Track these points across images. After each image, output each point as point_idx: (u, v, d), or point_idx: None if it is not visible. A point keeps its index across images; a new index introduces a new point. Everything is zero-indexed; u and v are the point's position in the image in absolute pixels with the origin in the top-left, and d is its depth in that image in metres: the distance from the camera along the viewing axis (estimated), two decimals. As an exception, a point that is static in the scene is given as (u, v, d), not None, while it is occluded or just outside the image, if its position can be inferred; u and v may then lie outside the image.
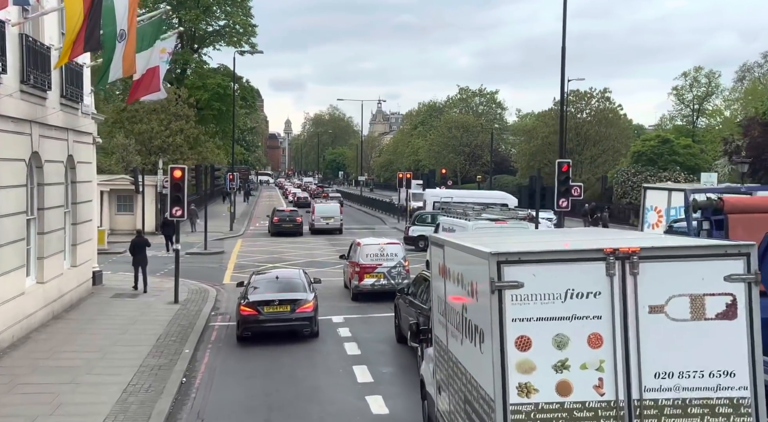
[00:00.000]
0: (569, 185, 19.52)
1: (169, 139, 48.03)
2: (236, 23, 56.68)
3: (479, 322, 5.79)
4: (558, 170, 19.29)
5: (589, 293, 5.31)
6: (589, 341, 5.30)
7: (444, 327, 7.44)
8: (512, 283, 5.33)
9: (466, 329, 6.29)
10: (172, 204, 17.91)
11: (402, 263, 18.99)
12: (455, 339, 6.88)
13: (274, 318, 14.27)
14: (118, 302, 17.90)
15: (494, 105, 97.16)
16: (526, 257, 5.37)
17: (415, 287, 13.94)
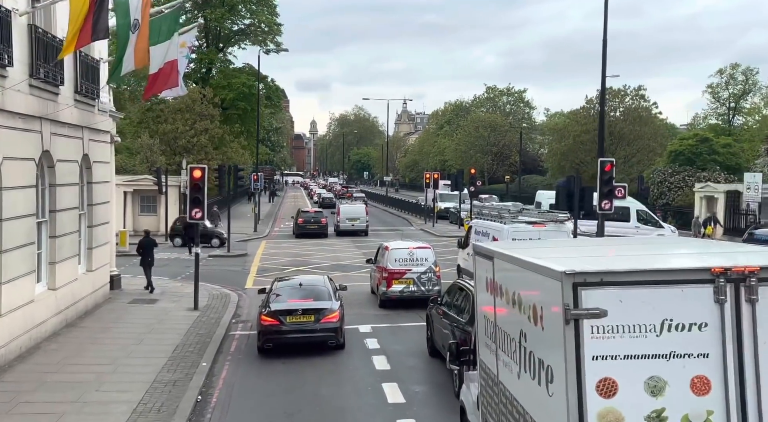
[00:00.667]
0: (613, 185, 18.21)
1: (193, 139, 47.59)
2: (261, 22, 56.08)
3: (546, 357, 4.70)
4: (600, 170, 18.02)
5: (692, 324, 4.19)
6: (693, 386, 4.18)
7: (493, 353, 6.35)
8: (593, 311, 4.22)
9: (526, 361, 5.19)
10: (192, 206, 17.06)
11: (433, 269, 17.97)
12: (508, 369, 5.78)
13: (297, 328, 13.35)
14: (136, 309, 17.11)
15: (522, 104, 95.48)
16: (611, 277, 4.26)
17: (449, 296, 12.85)
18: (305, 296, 13.96)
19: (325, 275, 16.03)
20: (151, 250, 19.48)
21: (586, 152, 54.87)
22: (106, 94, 17.45)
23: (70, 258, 14.78)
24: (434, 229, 42.32)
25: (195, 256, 17.85)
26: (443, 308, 12.75)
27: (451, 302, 12.55)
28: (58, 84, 13.61)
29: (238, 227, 40.65)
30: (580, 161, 55.27)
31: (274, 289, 14.57)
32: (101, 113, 17.00)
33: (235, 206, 61.64)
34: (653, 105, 55.66)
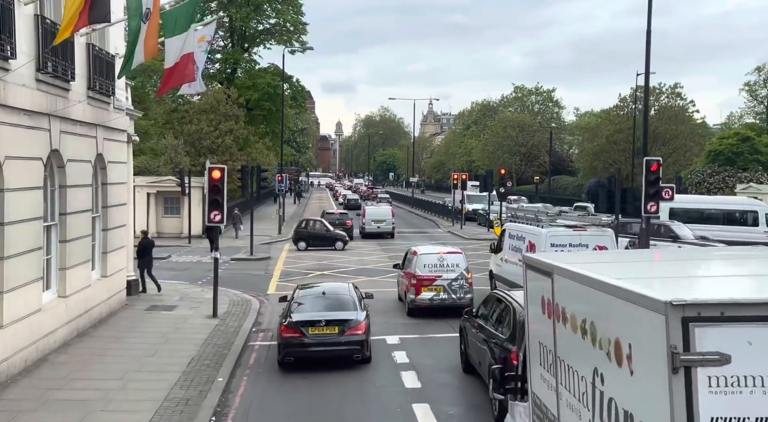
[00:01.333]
0: (660, 186, 16.92)
1: (218, 140, 47.10)
2: (287, 21, 55.46)
3: (636, 411, 3.62)
4: (646, 170, 16.75)
5: None
6: None
7: (552, 389, 5.27)
8: (711, 357, 3.14)
9: (603, 410, 4.10)
10: (211, 208, 16.23)
11: (464, 276, 16.90)
12: (575, 415, 4.70)
13: (319, 341, 12.44)
14: (152, 316, 16.31)
15: (551, 103, 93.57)
16: (736, 310, 3.17)
17: (486, 308, 11.74)
18: (328, 306, 13.06)
19: (350, 283, 14.97)
20: (151, 251, 19.23)
21: (619, 151, 53.15)
22: (122, 91, 16.70)
23: (82, 264, 14.01)
24: (462, 231, 41.12)
25: (214, 261, 17.00)
26: (479, 320, 11.65)
27: (487, 314, 11.45)
28: (68, 79, 12.84)
29: (262, 229, 39.95)
30: (613, 161, 53.54)
31: (296, 298, 13.62)
32: (117, 110, 16.24)
33: (260, 207, 61.14)
34: (690, 103, 53.64)
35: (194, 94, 18.56)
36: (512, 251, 18.11)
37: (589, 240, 16.07)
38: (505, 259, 18.81)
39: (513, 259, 17.90)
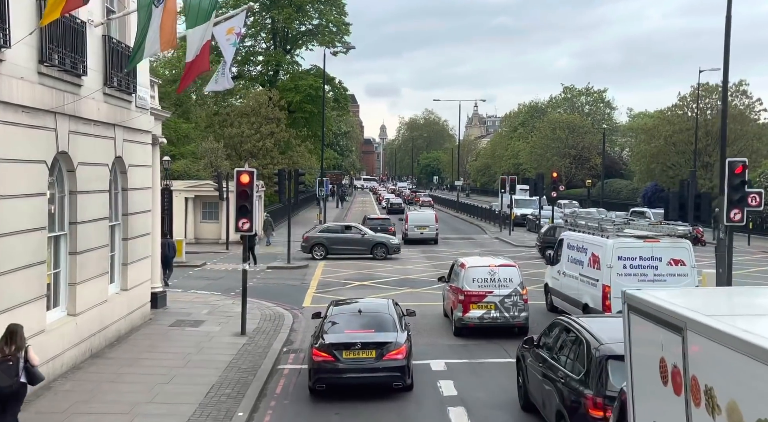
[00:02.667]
0: (745, 191, 14.73)
1: (259, 143, 46.22)
2: (329, 22, 54.33)
3: None
4: (729, 172, 14.58)
5: None
6: None
7: None
8: None
9: None
10: (239, 215, 14.83)
11: (519, 292, 15.16)
12: None
13: (355, 366, 11.05)
14: (176, 334, 14.99)
15: (602, 104, 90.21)
16: None
17: (550, 337, 9.92)
18: (365, 326, 11.65)
19: (389, 299, 13.31)
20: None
21: (678, 153, 50.14)
22: (146, 88, 15.48)
23: (97, 277, 12.76)
24: (511, 238, 39.02)
25: (243, 273, 15.60)
26: (541, 352, 9.84)
27: (552, 345, 9.63)
28: (79, 73, 11.60)
29: (301, 234, 38.68)
30: (672, 164, 50.54)
31: (330, 315, 12.13)
32: (140, 109, 15.02)
33: (301, 212, 60.11)
34: (757, 102, 50.15)
35: (222, 91, 17.20)
36: (571, 264, 16.60)
37: (662, 253, 14.38)
38: (562, 272, 17.21)
39: (572, 272, 16.46)
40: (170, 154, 41.91)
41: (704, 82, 48.20)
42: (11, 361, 7.82)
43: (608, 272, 14.18)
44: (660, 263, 14.28)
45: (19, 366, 7.88)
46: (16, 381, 7.79)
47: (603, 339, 8.29)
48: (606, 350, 8.02)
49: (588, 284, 15.29)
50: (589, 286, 15.24)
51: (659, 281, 14.14)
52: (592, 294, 14.97)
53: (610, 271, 14.17)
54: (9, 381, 7.72)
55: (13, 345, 7.91)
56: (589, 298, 15.11)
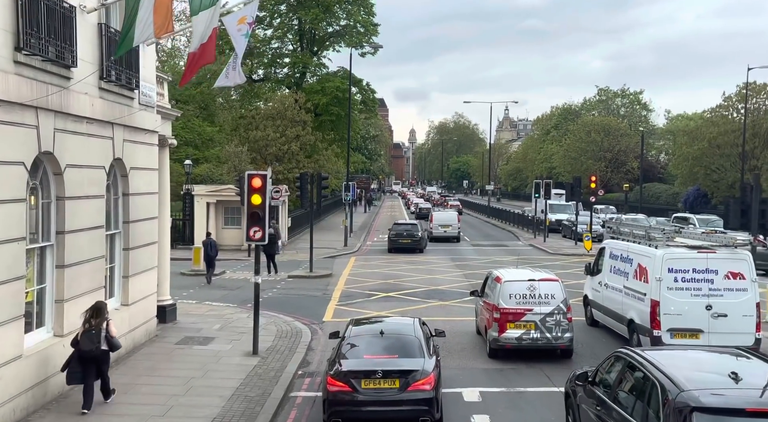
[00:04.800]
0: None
1: (284, 146, 45.08)
2: (357, 22, 53.01)
3: None
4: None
5: None
6: None
7: None
8: None
9: None
10: (250, 223, 13.46)
11: (562, 310, 13.54)
12: None
13: (375, 397, 9.61)
14: (181, 353, 13.64)
15: (638, 106, 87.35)
16: None
17: (609, 373, 8.25)
18: (388, 350, 10.24)
19: (416, 319, 11.71)
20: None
21: (723, 156, 47.53)
22: (152, 85, 14.21)
23: (91, 292, 11.47)
24: (546, 245, 37.08)
25: (255, 288, 14.18)
26: (598, 391, 8.18)
27: (612, 384, 7.95)
28: (67, 64, 10.33)
29: (327, 240, 37.39)
30: (716, 167, 47.94)
31: (348, 337, 10.72)
32: (144, 107, 13.75)
33: (328, 217, 58.88)
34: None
35: (232, 86, 15.94)
36: (614, 275, 15.41)
37: (719, 265, 12.99)
38: (605, 284, 15.93)
39: (615, 284, 15.28)
40: (193, 158, 41.04)
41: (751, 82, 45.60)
42: (95, 331, 9.99)
43: (657, 286, 12.98)
44: (716, 277, 12.95)
45: (101, 336, 10.01)
46: (97, 346, 9.94)
47: (682, 382, 6.64)
48: (689, 399, 6.39)
49: (634, 299, 14.07)
50: (635, 300, 13.99)
51: (715, 297, 12.89)
52: (638, 310, 13.74)
53: (659, 284, 12.97)
54: (91, 345, 9.90)
55: (98, 318, 10.06)
56: (635, 313, 13.88)
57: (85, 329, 9.94)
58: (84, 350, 9.83)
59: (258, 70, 54.46)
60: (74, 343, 9.97)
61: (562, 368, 12.97)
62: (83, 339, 9.87)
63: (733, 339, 12.16)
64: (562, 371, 12.58)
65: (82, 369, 9.86)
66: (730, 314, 12.76)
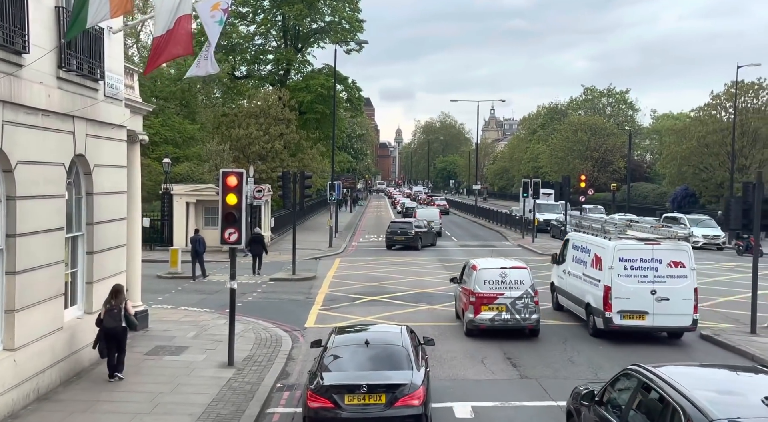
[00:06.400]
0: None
1: (267, 145, 44.04)
2: (342, 18, 52.00)
3: None
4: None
5: None
6: None
7: None
8: None
9: None
10: (225, 225, 12.55)
11: (530, 294, 15.10)
12: None
13: (360, 414, 8.90)
14: (151, 365, 12.65)
15: (624, 106, 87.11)
16: None
17: (620, 393, 7.43)
18: (373, 362, 9.55)
19: (403, 326, 11.04)
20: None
21: (712, 155, 47.19)
22: (119, 76, 13.22)
23: (47, 301, 10.50)
24: (534, 245, 36.39)
25: (230, 294, 13.24)
26: (607, 413, 7.35)
27: (624, 406, 7.12)
28: (18, 50, 9.36)
29: (310, 241, 36.42)
30: (705, 166, 47.60)
31: (330, 348, 9.95)
32: (111, 100, 12.76)
33: (313, 217, 57.81)
34: (797, 99, 46.99)
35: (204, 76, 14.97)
36: (576, 263, 17.08)
37: (663, 255, 14.71)
38: (568, 271, 17.69)
39: (576, 272, 16.97)
40: (173, 156, 39.87)
41: (741, 80, 45.21)
42: (116, 310, 11.20)
43: (609, 274, 14.69)
44: (660, 265, 14.57)
45: (122, 315, 11.23)
46: (119, 324, 11.21)
47: (709, 410, 5.73)
48: None
49: (591, 285, 15.71)
50: (591, 286, 15.65)
51: (659, 283, 14.53)
52: (594, 294, 15.42)
53: (611, 272, 14.66)
54: (114, 323, 11.15)
55: (117, 299, 11.25)
56: (591, 298, 15.57)
57: (107, 309, 11.16)
58: (108, 327, 11.08)
59: (241, 67, 53.30)
60: (98, 322, 11.20)
61: (558, 379, 12.21)
62: (107, 318, 11.10)
63: (673, 319, 14.45)
64: (559, 383, 11.83)
65: (107, 344, 11.17)
66: (671, 298, 14.41)
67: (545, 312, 17.34)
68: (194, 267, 24.07)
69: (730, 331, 15.51)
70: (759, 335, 14.84)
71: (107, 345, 11.19)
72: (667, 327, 14.78)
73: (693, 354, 14.02)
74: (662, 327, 14.75)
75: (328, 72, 51.21)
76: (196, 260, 24.05)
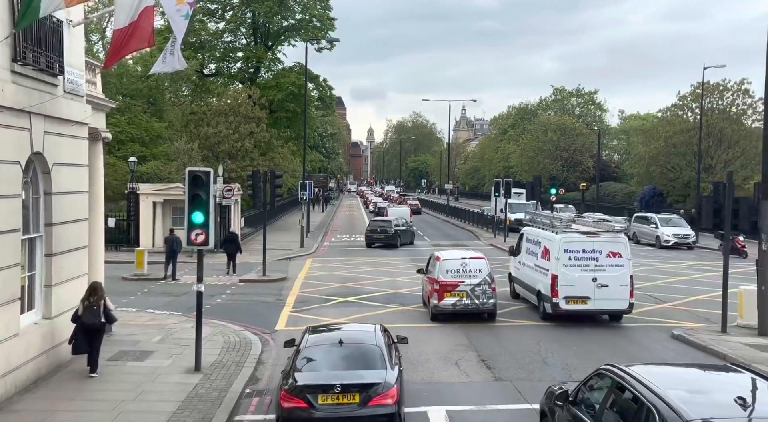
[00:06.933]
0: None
1: (237, 143, 43.38)
2: (313, 16, 51.47)
3: None
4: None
5: None
6: None
7: None
8: None
9: None
10: (191, 226, 12.10)
11: (488, 281, 16.72)
12: None
13: (334, 414, 8.95)
14: (113, 371, 12.15)
15: (593, 106, 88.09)
16: None
17: (593, 392, 7.31)
18: (347, 361, 9.60)
19: (377, 325, 10.93)
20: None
21: (679, 155, 47.90)
22: (80, 71, 12.68)
23: (2, 306, 9.94)
24: (506, 245, 36.28)
25: (197, 297, 12.81)
26: (581, 413, 7.21)
27: (597, 406, 7.00)
28: (-32, 42, 8.81)
29: (281, 242, 35.93)
30: (672, 166, 48.29)
31: (304, 348, 9.89)
32: (71, 96, 12.24)
33: (284, 217, 57.21)
34: (759, 101, 47.91)
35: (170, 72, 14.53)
36: (529, 255, 18.59)
37: (602, 246, 16.29)
38: (522, 262, 19.21)
39: (529, 262, 18.51)
40: (140, 155, 38.99)
41: (706, 81, 45.95)
42: (95, 307, 11.49)
43: (556, 263, 16.27)
44: (600, 256, 16.20)
45: (101, 311, 11.54)
46: (99, 320, 11.50)
47: (684, 410, 5.65)
48: None
49: (541, 274, 17.27)
50: (542, 275, 17.17)
51: (599, 271, 16.12)
52: (544, 283, 16.89)
53: (558, 262, 16.24)
54: (94, 319, 11.43)
55: (96, 295, 11.55)
56: (541, 286, 17.07)
57: (86, 306, 11.40)
58: (87, 323, 11.34)
59: (210, 65, 52.46)
60: (75, 319, 11.39)
61: (532, 381, 12.07)
62: (86, 314, 11.36)
63: (612, 303, 16.16)
64: (533, 385, 11.68)
65: (87, 339, 11.41)
66: (610, 285, 16.02)
67: (505, 299, 19.17)
68: (167, 267, 23.72)
69: (702, 330, 15.58)
70: (730, 334, 14.92)
71: (88, 340, 11.45)
72: (606, 310, 16.42)
73: (665, 354, 14.02)
74: (602, 310, 16.39)
75: (299, 70, 50.67)
76: (171, 260, 23.66)
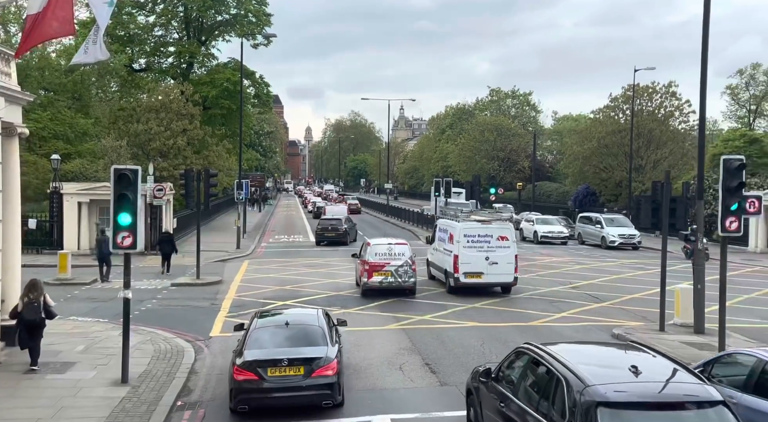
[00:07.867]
0: (742, 195, 12.42)
1: (169, 141, 41.79)
2: (249, 12, 50.22)
3: None
4: (724, 172, 12.27)
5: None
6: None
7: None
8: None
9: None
10: (117, 228, 11.24)
11: (409, 263, 19.71)
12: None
13: (281, 385, 10.10)
14: (30, 385, 11.18)
15: (527, 107, 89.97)
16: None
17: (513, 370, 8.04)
18: (293, 340, 10.72)
19: (319, 309, 12.47)
20: None
21: (611, 155, 49.29)
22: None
23: None
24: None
25: (124, 304, 11.93)
26: (502, 388, 7.70)
27: (517, 381, 7.51)
28: None
29: (217, 243, 34.77)
30: (605, 166, 49.64)
31: (253, 330, 10.95)
32: (-21, 86, 11.13)
33: (220, 217, 55.64)
34: (686, 103, 49.92)
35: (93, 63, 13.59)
36: (440, 241, 22.05)
37: (494, 231, 20.14)
38: (435, 248, 22.60)
39: (440, 248, 21.94)
40: (64, 153, 36.92)
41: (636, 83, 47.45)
42: (35, 303, 11.87)
43: (458, 246, 20.00)
44: (492, 239, 20.02)
45: (41, 307, 11.92)
46: (39, 316, 11.90)
47: (587, 377, 6.52)
48: (594, 394, 6.28)
49: (447, 255, 20.74)
50: (448, 256, 20.66)
51: (491, 252, 19.93)
52: (449, 262, 20.48)
53: (459, 245, 19.98)
54: (34, 315, 11.85)
55: (35, 292, 11.90)
56: (447, 265, 20.64)
57: (25, 302, 11.75)
58: (28, 319, 11.72)
59: (140, 60, 50.42)
60: (13, 315, 11.81)
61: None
62: (27, 310, 11.72)
63: (501, 278, 20.00)
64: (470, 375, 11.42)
65: (29, 335, 11.79)
66: (499, 263, 19.87)
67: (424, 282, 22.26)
68: (101, 270, 22.94)
69: (641, 329, 15.76)
70: (668, 332, 15.15)
71: (30, 335, 11.80)
72: (497, 283, 20.23)
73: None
74: (493, 283, 20.21)
75: (234, 66, 49.31)
76: (102, 262, 22.84)
